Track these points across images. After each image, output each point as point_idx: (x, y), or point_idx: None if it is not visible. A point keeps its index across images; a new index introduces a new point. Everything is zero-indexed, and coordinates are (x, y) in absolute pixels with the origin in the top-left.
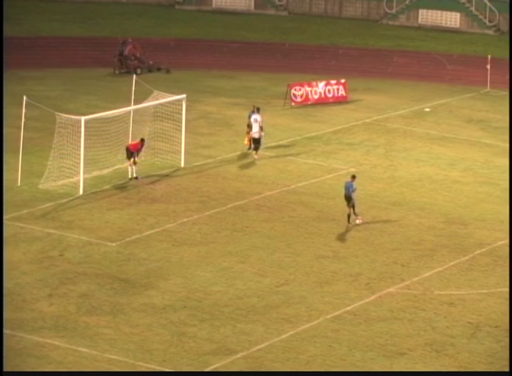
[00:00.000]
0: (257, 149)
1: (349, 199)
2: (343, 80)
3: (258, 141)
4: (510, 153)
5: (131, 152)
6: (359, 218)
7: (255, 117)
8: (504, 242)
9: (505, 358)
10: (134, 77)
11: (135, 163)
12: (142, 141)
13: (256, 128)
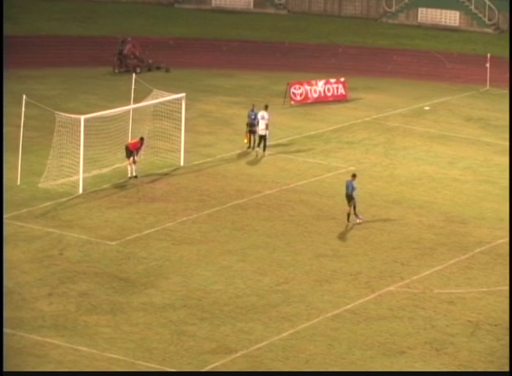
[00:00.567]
0: (264, 147)
1: (350, 198)
2: (342, 78)
3: (264, 138)
4: (510, 151)
5: (130, 151)
6: (359, 217)
7: (262, 115)
8: (504, 240)
9: (505, 356)
10: (133, 76)
11: (135, 162)
12: (142, 140)
13: (263, 125)
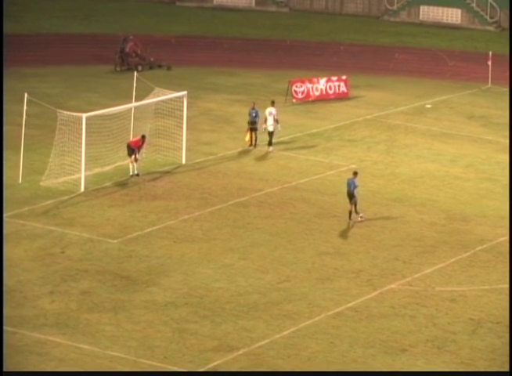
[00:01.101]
0: (270, 143)
1: (351, 196)
2: (344, 76)
3: (272, 134)
4: (510, 149)
5: (132, 149)
6: (361, 215)
7: (270, 111)
8: (505, 238)
9: (506, 354)
10: (135, 74)
11: (136, 160)
12: (143, 138)
13: (271, 121)
